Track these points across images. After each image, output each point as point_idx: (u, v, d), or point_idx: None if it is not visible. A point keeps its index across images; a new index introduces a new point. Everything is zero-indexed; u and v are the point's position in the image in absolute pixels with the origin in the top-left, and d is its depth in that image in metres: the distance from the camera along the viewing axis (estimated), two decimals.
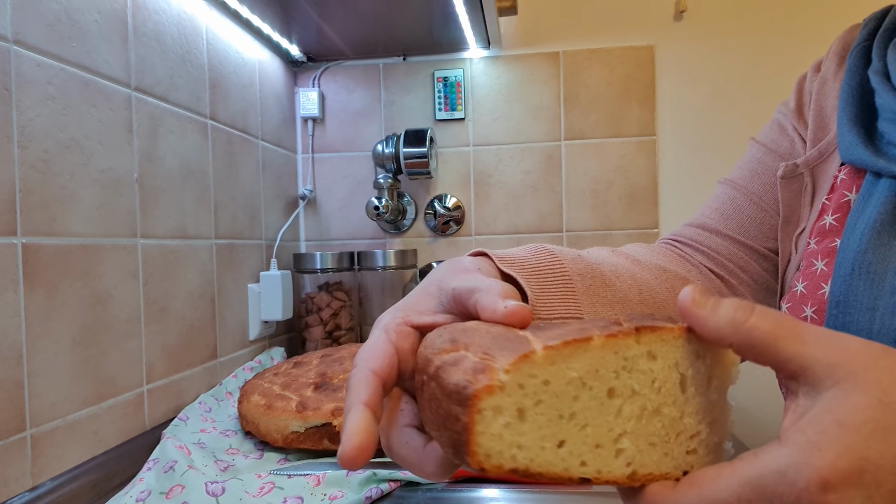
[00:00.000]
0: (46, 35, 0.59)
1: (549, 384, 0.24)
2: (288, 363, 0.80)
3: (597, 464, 0.25)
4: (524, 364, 0.23)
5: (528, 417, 0.24)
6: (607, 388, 0.25)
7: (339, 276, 1.14)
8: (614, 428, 0.25)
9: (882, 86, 0.42)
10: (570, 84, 1.22)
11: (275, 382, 0.72)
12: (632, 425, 0.25)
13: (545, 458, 0.24)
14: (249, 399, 0.70)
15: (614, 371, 0.25)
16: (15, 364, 0.54)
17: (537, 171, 1.23)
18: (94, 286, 0.65)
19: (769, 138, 0.55)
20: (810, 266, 0.45)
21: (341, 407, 0.64)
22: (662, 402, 0.26)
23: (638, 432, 0.25)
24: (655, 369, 0.26)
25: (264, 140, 1.11)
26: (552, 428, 0.24)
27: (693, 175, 1.20)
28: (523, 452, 0.24)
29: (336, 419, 0.63)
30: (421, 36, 1.14)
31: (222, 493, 0.52)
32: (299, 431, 0.64)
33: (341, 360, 0.76)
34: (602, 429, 0.25)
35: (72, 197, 0.62)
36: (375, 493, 0.54)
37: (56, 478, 0.58)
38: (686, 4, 1.19)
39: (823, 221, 0.45)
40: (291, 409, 0.65)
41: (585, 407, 0.25)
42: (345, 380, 0.70)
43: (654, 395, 0.26)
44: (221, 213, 0.93)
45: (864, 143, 0.40)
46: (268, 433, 0.66)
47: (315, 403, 0.65)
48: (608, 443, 0.25)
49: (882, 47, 0.45)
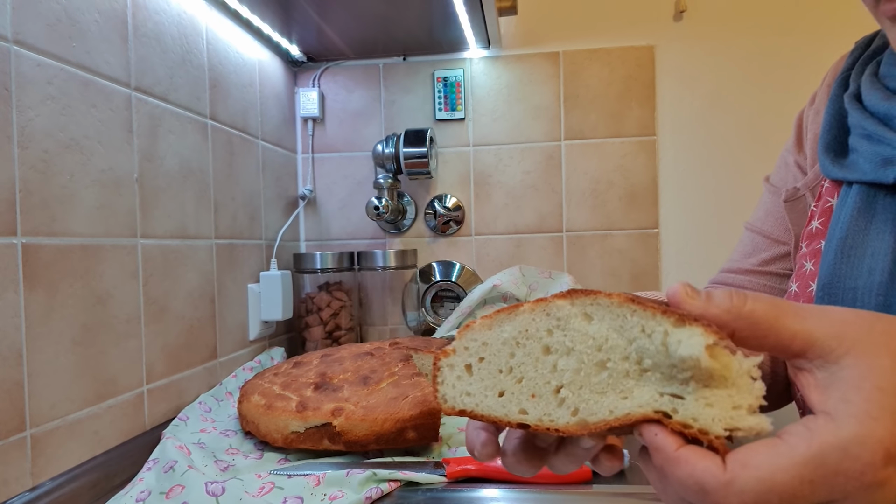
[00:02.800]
0: (46, 35, 0.59)
1: (487, 345, 0.30)
2: (288, 363, 0.80)
3: (537, 412, 0.29)
4: (466, 331, 0.31)
5: (473, 372, 0.31)
6: (541, 346, 0.29)
7: (339, 276, 1.14)
8: (551, 381, 0.29)
9: (853, 107, 0.47)
10: (570, 84, 1.22)
11: (275, 382, 0.72)
12: (569, 377, 0.29)
13: (487, 404, 0.30)
14: (249, 399, 0.70)
15: (546, 330, 0.29)
16: (15, 364, 0.54)
17: (537, 171, 1.23)
18: (94, 286, 0.65)
19: (776, 177, 0.61)
20: (801, 268, 0.49)
21: (341, 407, 0.64)
22: (607, 358, 0.28)
23: (579, 384, 0.29)
24: (592, 329, 0.29)
25: (264, 140, 1.11)
26: (492, 380, 0.30)
27: (693, 175, 1.20)
28: (470, 398, 0.30)
29: (336, 419, 0.63)
30: (421, 36, 1.14)
31: (222, 493, 0.52)
32: (299, 431, 0.64)
33: (341, 360, 0.76)
34: (538, 381, 0.29)
35: (72, 197, 0.62)
36: (375, 494, 0.54)
37: (56, 478, 0.58)
38: (686, 4, 1.19)
39: (811, 226, 0.50)
40: (291, 409, 0.65)
41: (521, 362, 0.30)
42: (344, 380, 0.69)
43: (596, 351, 0.29)
44: (221, 213, 0.93)
45: (833, 162, 0.47)
46: (268, 433, 0.66)
47: (315, 403, 0.65)
48: (547, 393, 0.29)
49: (859, 73, 0.50)
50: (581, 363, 0.29)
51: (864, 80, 0.48)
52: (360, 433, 0.62)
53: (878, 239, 0.43)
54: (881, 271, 0.42)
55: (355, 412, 0.63)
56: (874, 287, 0.42)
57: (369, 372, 0.71)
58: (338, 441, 0.62)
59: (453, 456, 0.62)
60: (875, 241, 0.43)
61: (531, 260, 1.24)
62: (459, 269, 1.25)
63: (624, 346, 0.28)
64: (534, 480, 0.56)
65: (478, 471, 0.57)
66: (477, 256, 1.25)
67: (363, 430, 0.61)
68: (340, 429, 0.62)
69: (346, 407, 0.63)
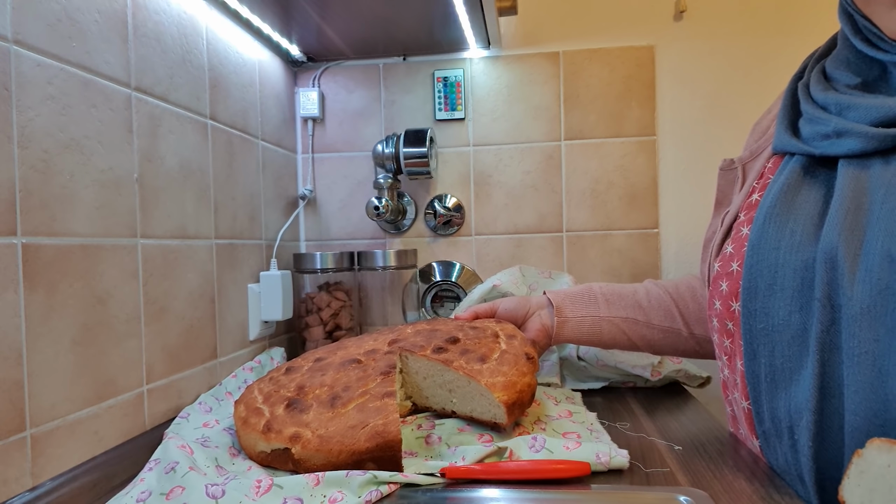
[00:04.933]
0: (46, 35, 0.59)
1: None
2: (280, 368, 0.78)
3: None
4: None
5: None
6: None
7: (339, 276, 1.14)
8: None
9: (803, 95, 0.56)
10: (570, 84, 1.22)
11: (262, 391, 0.69)
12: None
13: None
14: (238, 406, 0.68)
15: None
16: (15, 364, 0.54)
17: (537, 171, 1.23)
18: (94, 286, 0.65)
19: None
20: (738, 233, 0.57)
21: (299, 434, 0.60)
22: None
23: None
24: None
25: (264, 140, 1.11)
26: None
27: (693, 175, 1.20)
28: None
29: (294, 446, 0.59)
30: (421, 36, 1.14)
31: (222, 495, 0.52)
32: (266, 452, 0.61)
33: (329, 367, 0.72)
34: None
35: (72, 197, 0.62)
36: (375, 496, 0.54)
37: (56, 478, 0.58)
38: (686, 4, 1.19)
39: (751, 199, 0.59)
40: (259, 428, 0.62)
41: None
42: (315, 398, 0.66)
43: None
44: (221, 213, 0.93)
45: (788, 135, 0.56)
46: (244, 447, 0.64)
47: (279, 425, 0.62)
48: None
49: (812, 68, 0.59)
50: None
51: (814, 74, 0.57)
52: (317, 462, 0.58)
53: (803, 205, 0.51)
54: (801, 232, 0.49)
55: (311, 441, 0.59)
56: (795, 246, 0.49)
57: (342, 389, 0.66)
58: (299, 467, 0.59)
59: (453, 454, 0.63)
60: (799, 208, 0.51)
61: (531, 260, 1.24)
62: (459, 269, 1.25)
63: None
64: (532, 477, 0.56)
65: (477, 471, 0.57)
66: (477, 256, 1.25)
67: (320, 461, 0.58)
68: (298, 457, 0.59)
69: (303, 434, 0.60)
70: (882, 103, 0.48)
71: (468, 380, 0.67)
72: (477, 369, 0.68)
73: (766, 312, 0.51)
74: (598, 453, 0.60)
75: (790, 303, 0.49)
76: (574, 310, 0.79)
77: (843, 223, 0.46)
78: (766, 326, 0.51)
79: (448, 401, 0.71)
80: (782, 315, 0.49)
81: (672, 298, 0.79)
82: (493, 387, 0.65)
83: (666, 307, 0.78)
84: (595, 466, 0.59)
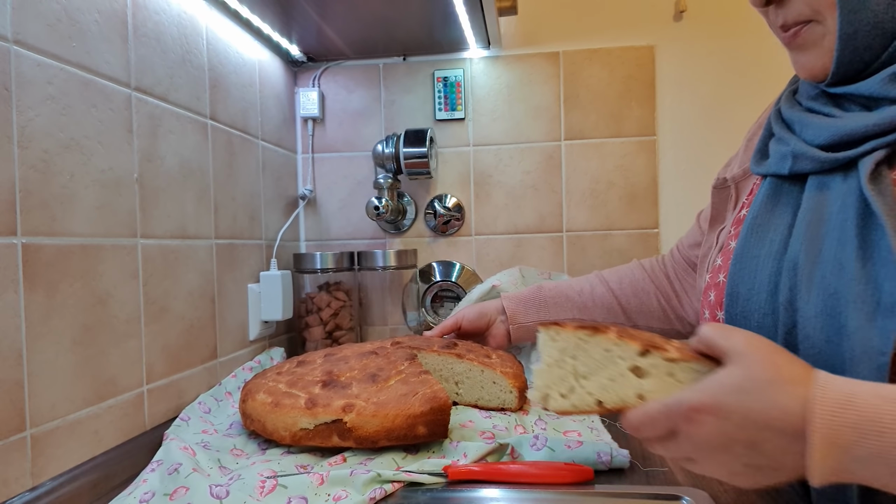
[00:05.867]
0: (46, 35, 0.59)
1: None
2: (290, 362, 0.80)
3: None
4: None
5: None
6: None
7: (339, 276, 1.14)
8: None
9: (775, 119, 0.59)
10: (570, 84, 1.22)
11: (280, 381, 0.72)
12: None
13: None
14: (254, 397, 0.70)
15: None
16: (15, 364, 0.54)
17: (537, 171, 1.23)
18: (94, 286, 0.65)
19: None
20: (727, 246, 0.62)
21: (352, 403, 0.64)
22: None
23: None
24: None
25: (264, 140, 1.11)
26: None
27: (693, 175, 1.20)
28: None
29: (347, 415, 0.63)
30: (421, 36, 1.14)
31: (227, 495, 0.52)
32: (308, 428, 0.64)
33: (346, 358, 0.76)
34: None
35: (72, 197, 0.62)
36: (379, 494, 0.54)
37: (56, 478, 0.58)
38: (686, 4, 1.19)
39: (740, 214, 0.62)
40: (300, 405, 0.65)
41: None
42: (352, 377, 0.70)
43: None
44: (221, 213, 0.93)
45: (757, 162, 0.60)
46: (275, 431, 0.66)
47: (325, 400, 0.65)
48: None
49: (790, 82, 0.62)
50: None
51: (785, 95, 0.60)
52: (371, 429, 0.62)
53: (778, 218, 0.55)
54: (778, 242, 0.53)
55: (366, 408, 0.63)
56: (772, 254, 0.53)
57: (376, 370, 0.71)
58: (348, 437, 0.62)
59: (455, 449, 0.63)
60: (776, 220, 0.55)
61: (531, 260, 1.24)
62: (459, 269, 1.25)
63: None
64: (534, 480, 0.56)
65: (479, 472, 0.57)
66: (477, 256, 1.25)
67: (374, 426, 0.62)
68: (351, 425, 0.62)
69: (356, 403, 0.64)
70: (832, 123, 0.51)
71: (482, 369, 0.75)
72: (488, 362, 0.78)
73: (744, 316, 0.54)
74: (599, 452, 0.60)
75: (763, 306, 0.53)
76: (526, 315, 0.87)
77: (806, 234, 0.51)
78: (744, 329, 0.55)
79: (453, 392, 0.78)
80: (757, 318, 0.53)
81: (615, 296, 0.86)
82: (506, 375, 0.76)
83: (609, 305, 0.85)
84: (596, 466, 0.59)
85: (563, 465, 0.57)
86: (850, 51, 0.49)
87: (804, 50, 0.54)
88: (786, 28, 0.54)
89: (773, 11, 0.54)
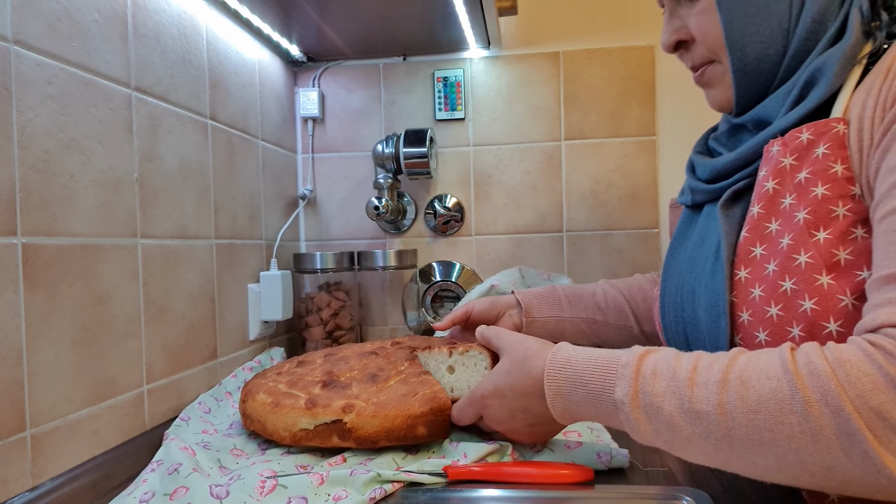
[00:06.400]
0: (46, 35, 0.59)
1: None
2: (290, 363, 0.80)
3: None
4: None
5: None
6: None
7: (339, 276, 1.14)
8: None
9: (696, 158, 0.67)
10: (570, 84, 1.22)
11: (280, 381, 0.72)
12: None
13: None
14: (254, 397, 0.70)
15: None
16: (15, 364, 0.54)
17: (537, 171, 1.23)
18: (94, 286, 0.65)
19: None
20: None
21: (352, 404, 0.64)
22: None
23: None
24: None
25: (264, 140, 1.11)
26: None
27: None
28: None
29: (346, 415, 0.63)
30: (421, 36, 1.14)
31: (227, 495, 0.52)
32: (308, 429, 0.64)
33: (346, 358, 0.76)
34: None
35: (72, 197, 0.62)
36: (379, 494, 0.54)
37: (56, 478, 0.58)
38: None
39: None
40: (300, 406, 0.65)
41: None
42: (352, 377, 0.70)
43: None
44: (221, 213, 0.93)
45: (679, 193, 0.71)
46: (275, 431, 0.66)
47: (325, 400, 0.65)
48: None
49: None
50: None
51: (701, 139, 0.71)
52: (371, 429, 0.62)
53: (688, 239, 0.65)
54: (687, 259, 0.63)
55: (366, 408, 0.63)
56: (683, 265, 0.63)
57: (376, 370, 0.71)
58: (348, 437, 0.62)
59: (455, 449, 0.63)
60: (687, 241, 0.65)
61: (531, 260, 1.24)
62: (459, 269, 1.25)
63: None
64: (535, 481, 0.56)
65: (479, 472, 0.57)
66: (477, 256, 1.25)
67: (374, 427, 0.62)
68: (351, 425, 0.62)
69: (356, 403, 0.64)
70: (711, 162, 0.62)
71: (480, 350, 0.72)
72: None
73: (666, 326, 0.65)
74: (598, 452, 0.60)
75: (675, 316, 0.63)
76: (541, 311, 0.87)
77: (691, 253, 0.62)
78: (669, 337, 0.65)
79: (447, 387, 0.74)
80: (672, 328, 0.64)
81: (625, 298, 0.86)
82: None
83: (620, 307, 0.86)
84: (596, 466, 0.59)
85: (563, 466, 0.57)
86: (745, 83, 0.58)
87: (711, 87, 0.64)
88: (694, 69, 0.65)
89: (682, 55, 0.66)
